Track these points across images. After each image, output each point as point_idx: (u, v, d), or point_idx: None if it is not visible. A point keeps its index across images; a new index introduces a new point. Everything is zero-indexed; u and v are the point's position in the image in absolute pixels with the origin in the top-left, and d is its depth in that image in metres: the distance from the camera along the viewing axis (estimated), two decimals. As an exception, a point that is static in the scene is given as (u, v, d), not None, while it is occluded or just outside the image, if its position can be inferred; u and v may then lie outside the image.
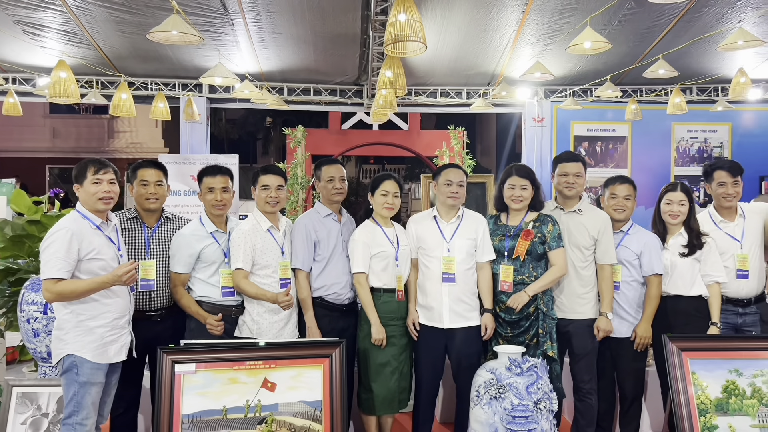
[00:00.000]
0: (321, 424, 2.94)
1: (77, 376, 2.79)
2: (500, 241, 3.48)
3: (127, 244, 3.26)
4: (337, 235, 3.46)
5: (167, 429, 2.83)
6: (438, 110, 10.46)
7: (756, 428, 2.98)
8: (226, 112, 17.69)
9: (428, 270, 3.42)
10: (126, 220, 3.32)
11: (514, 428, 2.88)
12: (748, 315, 3.51)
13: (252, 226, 3.31)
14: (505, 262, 3.43)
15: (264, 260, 3.27)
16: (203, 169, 3.45)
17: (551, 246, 3.41)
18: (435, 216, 3.51)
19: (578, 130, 10.21)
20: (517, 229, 3.45)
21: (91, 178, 2.90)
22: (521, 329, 3.39)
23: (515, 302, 3.35)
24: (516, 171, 3.46)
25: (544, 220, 3.46)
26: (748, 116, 9.96)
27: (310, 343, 3.12)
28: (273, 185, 3.35)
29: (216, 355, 2.97)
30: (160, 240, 3.35)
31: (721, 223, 3.57)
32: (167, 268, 3.33)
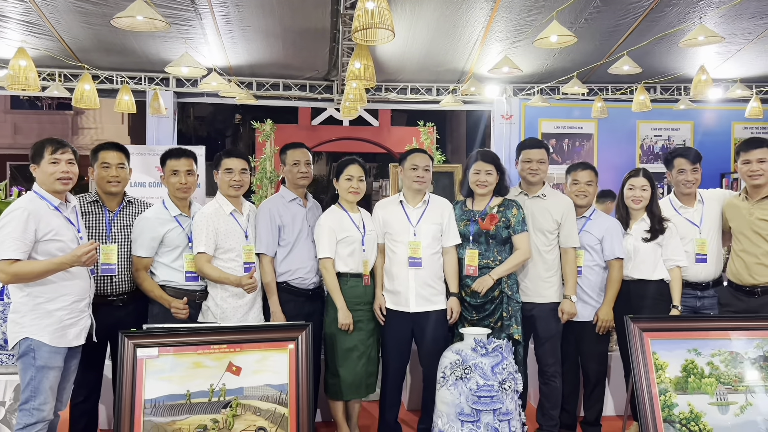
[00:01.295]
0: (287, 408, 2.91)
1: (34, 360, 2.71)
2: (465, 226, 3.50)
3: (88, 227, 3.18)
4: (302, 219, 3.43)
5: (129, 414, 2.78)
6: (408, 106, 10.50)
7: (714, 406, 3.05)
8: (195, 109, 17.44)
9: (394, 255, 3.42)
10: (86, 203, 3.23)
11: (479, 408, 2.90)
12: (706, 298, 3.60)
13: (215, 209, 3.27)
14: (470, 247, 3.45)
15: (227, 244, 3.23)
16: (166, 151, 3.40)
17: (515, 230, 3.44)
18: (401, 201, 3.51)
19: (546, 127, 10.35)
20: (482, 213, 3.48)
21: (49, 157, 2.82)
22: (486, 313, 3.42)
23: (480, 286, 3.37)
24: (481, 156, 3.49)
25: (508, 204, 3.49)
26: (709, 115, 10.22)
27: (275, 326, 3.09)
28: (236, 169, 3.31)
29: (179, 339, 2.92)
30: (122, 224, 3.28)
31: (681, 209, 3.66)
32: (129, 253, 3.26)
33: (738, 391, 3.09)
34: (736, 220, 3.51)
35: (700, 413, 3.04)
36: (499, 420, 2.91)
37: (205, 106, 16.21)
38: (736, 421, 3.04)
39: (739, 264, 3.45)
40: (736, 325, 3.21)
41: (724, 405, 3.06)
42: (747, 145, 3.48)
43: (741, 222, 3.47)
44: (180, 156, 3.34)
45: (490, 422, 2.90)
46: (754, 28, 7.23)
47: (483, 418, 2.90)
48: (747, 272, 3.41)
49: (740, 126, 10.15)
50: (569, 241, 3.52)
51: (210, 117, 18.02)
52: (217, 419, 2.86)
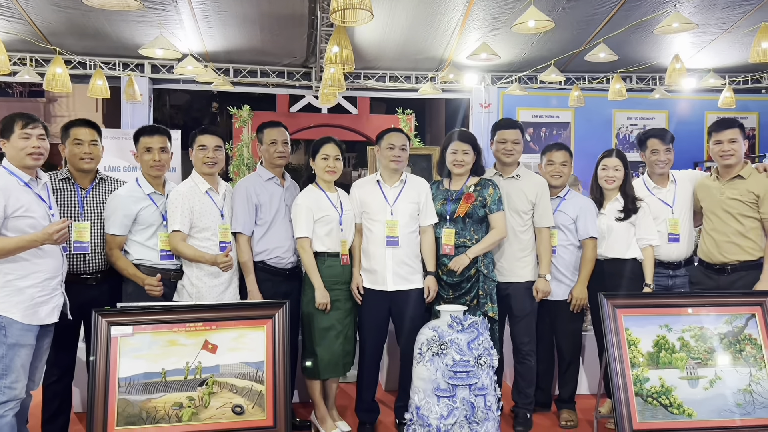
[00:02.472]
0: (263, 385, 2.90)
1: (5, 338, 2.66)
2: (442, 205, 3.51)
3: (59, 205, 3.10)
4: (279, 199, 3.41)
5: (103, 392, 2.75)
6: (386, 94, 10.48)
7: (684, 380, 3.12)
8: (171, 97, 17.23)
9: (372, 234, 3.42)
10: (58, 180, 3.17)
11: (455, 383, 2.92)
12: (678, 277, 3.67)
13: (190, 187, 3.23)
14: (447, 226, 3.46)
15: (202, 223, 3.20)
16: (140, 129, 3.35)
17: (491, 209, 3.46)
18: (378, 180, 3.50)
19: (524, 116, 10.42)
20: (459, 193, 3.48)
21: (19, 132, 2.75)
22: (462, 291, 3.45)
23: (456, 265, 3.39)
24: (458, 136, 3.50)
25: (485, 184, 3.51)
26: (683, 105, 10.39)
27: (252, 304, 3.08)
28: (210, 146, 3.27)
29: (154, 317, 2.90)
30: (95, 201, 3.21)
31: (654, 189, 3.71)
32: (102, 231, 3.20)
33: (707, 365, 3.15)
34: (707, 200, 3.57)
35: (670, 387, 3.10)
36: (474, 395, 2.94)
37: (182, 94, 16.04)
38: (705, 394, 3.11)
39: (710, 243, 3.51)
40: (706, 302, 3.28)
41: (694, 379, 3.13)
42: (718, 125, 3.54)
43: (712, 201, 3.53)
44: (153, 133, 3.29)
45: (466, 397, 2.92)
46: (728, 18, 7.35)
47: (459, 393, 2.93)
48: (717, 251, 3.47)
49: (713, 116, 10.30)
50: (543, 221, 3.55)
51: (186, 105, 17.82)
52: (193, 397, 2.84)
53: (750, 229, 3.42)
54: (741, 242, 3.42)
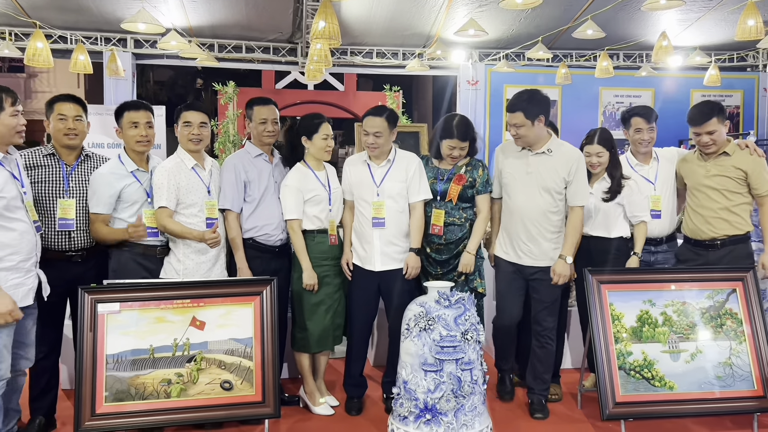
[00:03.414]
0: (252, 361, 2.92)
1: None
2: (432, 184, 3.49)
3: (43, 181, 3.06)
4: (268, 176, 3.39)
5: (90, 369, 2.75)
6: (373, 71, 10.39)
7: (666, 353, 3.18)
8: (154, 73, 16.94)
9: (361, 214, 3.41)
10: (42, 156, 3.11)
11: (442, 357, 2.96)
12: (659, 253, 3.71)
13: (175, 164, 3.20)
14: (437, 206, 3.46)
15: (189, 199, 3.17)
16: (123, 104, 3.30)
17: (479, 191, 3.47)
18: (366, 160, 3.47)
19: (511, 93, 10.34)
20: (450, 173, 3.48)
21: (10, 110, 2.62)
22: (450, 267, 3.48)
23: (468, 267, 3.43)
24: (457, 134, 3.40)
25: (475, 164, 3.50)
26: (669, 83, 10.42)
27: (240, 281, 3.08)
28: (195, 122, 3.23)
29: (141, 294, 2.89)
30: (80, 178, 3.16)
31: (637, 166, 3.73)
32: (88, 208, 3.15)
33: (689, 339, 3.22)
34: (692, 177, 3.60)
35: (653, 361, 3.16)
36: (461, 369, 2.98)
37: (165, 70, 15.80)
38: (686, 367, 3.18)
39: (697, 219, 3.55)
40: (689, 277, 3.34)
41: (676, 353, 3.19)
42: (695, 118, 3.49)
43: (696, 179, 3.56)
44: (139, 108, 3.24)
45: (453, 371, 2.96)
46: (715, -5, 7.36)
47: (446, 367, 2.96)
48: (706, 226, 3.49)
49: (699, 93, 10.36)
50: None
51: (170, 81, 17.54)
52: (182, 373, 2.86)
53: (737, 204, 3.45)
54: (729, 217, 3.46)
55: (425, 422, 2.97)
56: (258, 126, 3.40)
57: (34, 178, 3.04)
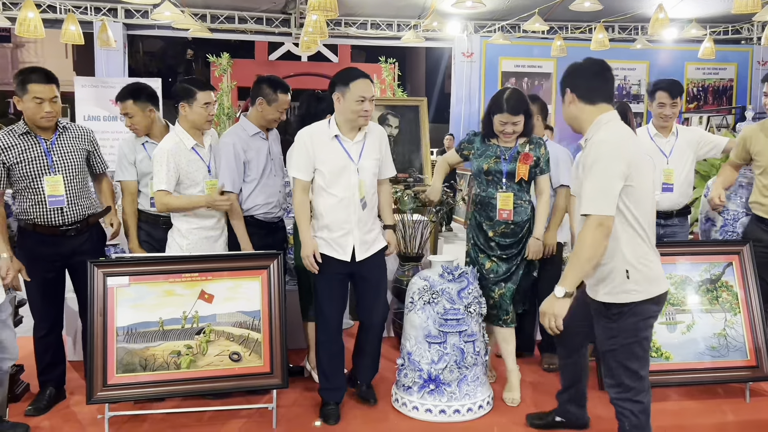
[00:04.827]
0: (260, 333, 2.97)
1: None
2: (496, 164, 3.20)
3: (24, 161, 2.94)
4: (266, 154, 3.37)
5: (101, 341, 2.79)
6: (368, 42, 10.31)
7: (663, 325, 3.26)
8: (144, 44, 16.69)
9: (331, 197, 2.98)
10: (18, 135, 2.96)
11: (445, 330, 3.02)
12: (668, 227, 3.74)
13: (175, 143, 3.13)
14: (503, 189, 3.20)
15: (190, 179, 3.14)
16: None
17: (543, 170, 3.25)
18: (337, 135, 2.98)
19: (506, 65, 10.37)
20: (513, 151, 3.22)
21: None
22: (514, 252, 3.26)
23: (537, 255, 3.23)
24: (508, 108, 3.12)
25: (537, 142, 3.26)
26: (664, 55, 10.42)
27: (247, 255, 3.09)
28: (212, 101, 3.21)
29: (150, 268, 2.92)
30: (62, 151, 3.04)
31: (656, 137, 3.71)
32: (76, 181, 3.07)
33: (685, 311, 3.30)
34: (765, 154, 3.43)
35: (650, 332, 3.24)
36: (464, 341, 3.04)
37: (156, 41, 15.57)
38: (682, 338, 3.26)
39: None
40: (687, 251, 3.40)
41: (673, 324, 3.27)
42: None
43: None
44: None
45: (456, 343, 3.03)
46: (712, -34, 7.33)
47: (449, 339, 3.03)
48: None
49: (693, 66, 10.40)
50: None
51: (160, 52, 17.30)
52: (191, 345, 2.90)
53: None
54: None
55: (429, 392, 3.05)
56: (274, 110, 3.34)
57: (12, 159, 2.92)
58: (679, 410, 3.23)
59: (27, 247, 3.04)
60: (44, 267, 3.03)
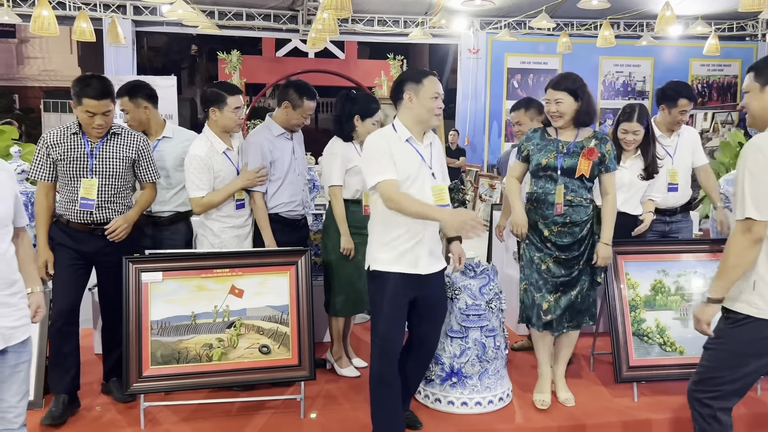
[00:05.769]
0: (288, 327, 3.06)
1: None
2: (554, 158, 3.04)
3: (67, 159, 2.97)
4: (290, 153, 3.45)
5: (136, 334, 2.88)
6: (375, 39, 10.37)
7: (677, 320, 3.36)
8: (148, 39, 16.70)
9: None
10: (68, 134, 3.00)
11: (467, 325, 3.11)
12: (674, 223, 3.84)
13: (208, 148, 3.22)
14: (558, 182, 3.03)
15: (222, 184, 3.23)
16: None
17: (609, 168, 3.06)
18: (409, 139, 2.71)
19: (512, 62, 10.44)
20: (573, 145, 3.05)
21: None
22: (575, 253, 3.07)
23: (606, 261, 3.08)
24: (551, 83, 3.05)
25: (603, 138, 3.08)
26: (669, 52, 10.49)
27: (276, 251, 3.18)
28: (242, 106, 3.30)
29: (182, 264, 3.01)
30: (104, 155, 3.04)
31: (660, 138, 3.78)
32: (113, 186, 3.05)
33: (699, 306, 3.39)
34: None
35: (665, 327, 3.34)
36: (485, 336, 3.13)
37: (160, 36, 15.59)
38: (696, 333, 3.30)
39: None
40: (700, 248, 3.49)
41: (686, 319, 3.37)
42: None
43: None
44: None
45: (478, 338, 3.12)
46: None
47: (471, 334, 3.12)
48: None
49: (698, 63, 10.47)
50: None
51: (165, 48, 17.33)
52: (222, 338, 2.99)
53: None
54: None
55: (451, 385, 3.14)
56: (300, 114, 3.40)
57: (58, 155, 2.97)
58: (693, 402, 3.33)
59: (56, 238, 3.03)
60: (69, 257, 3.00)
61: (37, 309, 2.30)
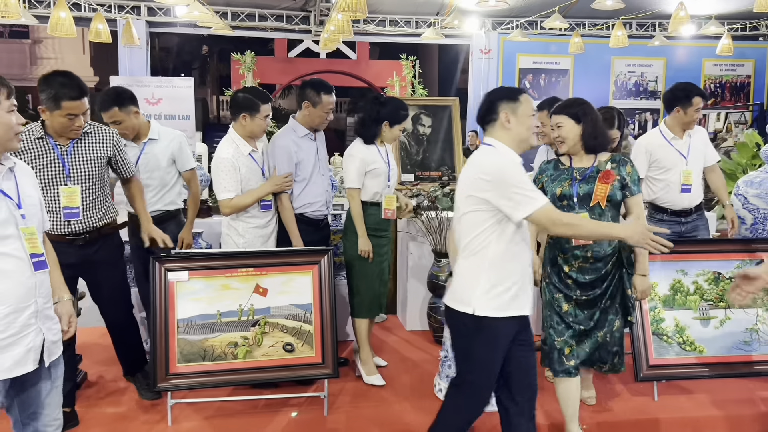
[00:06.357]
0: (312, 325, 3.10)
1: None
2: (569, 186, 2.81)
3: (36, 168, 2.69)
4: (314, 154, 3.49)
5: (163, 333, 2.93)
6: (387, 39, 10.40)
7: (696, 320, 3.38)
8: (159, 40, 16.83)
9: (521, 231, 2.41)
10: (33, 139, 2.73)
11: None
12: (689, 223, 3.84)
13: (234, 150, 3.27)
14: (578, 211, 2.78)
15: (248, 186, 3.28)
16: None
17: (633, 191, 2.80)
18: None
19: (523, 62, 10.44)
20: (590, 170, 2.82)
21: (7, 104, 1.92)
22: (598, 292, 2.80)
23: (645, 295, 2.88)
24: (553, 108, 2.90)
25: (621, 161, 2.83)
26: (682, 52, 10.46)
27: (299, 251, 3.22)
28: (271, 113, 3.35)
29: (208, 263, 3.05)
30: (79, 158, 2.81)
31: (673, 140, 3.81)
32: (92, 190, 2.86)
33: (718, 306, 3.40)
34: None
35: (684, 326, 3.36)
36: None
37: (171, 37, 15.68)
38: (715, 333, 3.37)
39: None
40: (719, 248, 3.50)
41: (706, 319, 3.38)
42: None
43: None
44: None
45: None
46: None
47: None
48: None
49: (710, 63, 10.44)
50: None
51: (176, 48, 17.44)
52: (247, 336, 3.04)
53: None
54: None
55: (472, 383, 3.16)
56: (321, 111, 3.44)
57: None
58: (712, 402, 3.35)
59: None
60: None
61: (69, 319, 2.13)
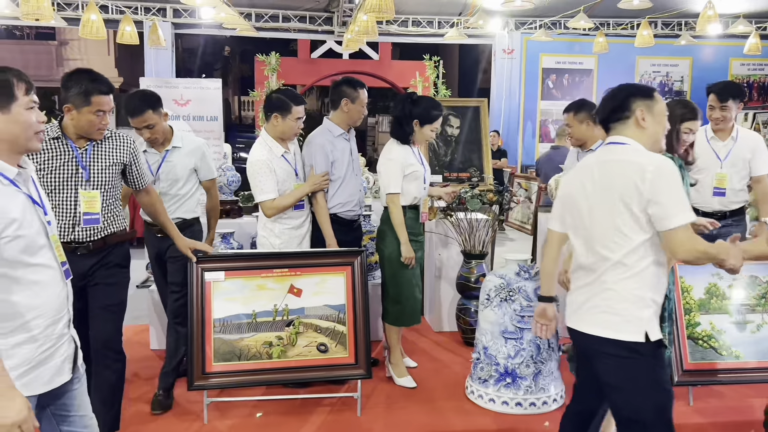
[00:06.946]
0: (345, 326, 3.12)
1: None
2: None
3: (51, 170, 2.54)
4: (348, 153, 3.50)
5: (200, 332, 2.96)
6: (410, 39, 10.40)
7: (733, 324, 3.33)
8: (183, 41, 17.00)
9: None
10: (48, 140, 2.54)
11: (522, 326, 3.13)
12: (722, 227, 3.78)
13: (267, 153, 3.28)
14: None
15: (283, 187, 3.29)
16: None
17: None
18: None
19: (546, 62, 10.38)
20: None
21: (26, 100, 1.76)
22: None
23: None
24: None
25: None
26: (708, 51, 10.31)
27: (332, 252, 3.23)
28: (303, 115, 3.36)
29: (244, 264, 3.08)
30: (97, 162, 2.63)
31: (712, 140, 3.73)
32: (109, 196, 2.67)
33: (755, 311, 3.36)
34: None
35: (720, 331, 3.31)
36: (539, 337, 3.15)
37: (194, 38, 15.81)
38: (752, 337, 3.32)
39: None
40: (756, 251, 3.45)
41: (743, 324, 3.34)
42: None
43: None
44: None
45: (532, 339, 3.13)
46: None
47: (525, 335, 3.13)
48: None
49: (738, 62, 10.28)
50: None
51: (199, 49, 17.59)
52: (282, 336, 3.06)
53: None
54: None
55: (505, 385, 3.16)
56: (359, 107, 3.45)
57: (38, 165, 2.49)
58: (749, 407, 3.31)
59: None
60: None
61: None
